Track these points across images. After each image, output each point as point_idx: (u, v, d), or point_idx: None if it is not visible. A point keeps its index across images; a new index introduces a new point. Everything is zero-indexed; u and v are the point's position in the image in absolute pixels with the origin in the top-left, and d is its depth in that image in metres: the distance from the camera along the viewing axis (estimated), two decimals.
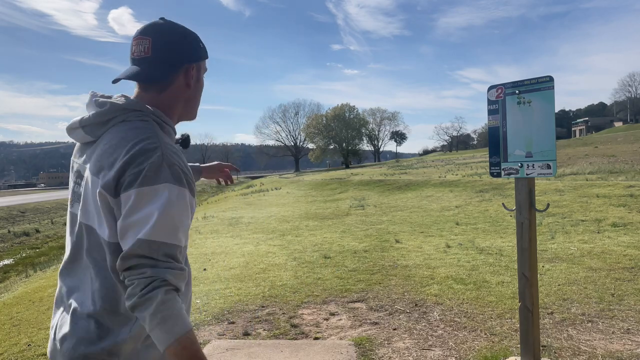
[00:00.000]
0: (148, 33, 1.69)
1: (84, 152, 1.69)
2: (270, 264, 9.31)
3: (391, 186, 28.54)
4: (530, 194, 4.04)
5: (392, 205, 20.01)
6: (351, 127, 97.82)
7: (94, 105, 1.70)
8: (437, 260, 8.88)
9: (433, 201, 20.12)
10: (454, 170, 35.48)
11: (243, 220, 17.49)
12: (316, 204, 24.22)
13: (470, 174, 29.27)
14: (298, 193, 32.97)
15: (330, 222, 16.01)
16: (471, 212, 15.92)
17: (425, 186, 26.02)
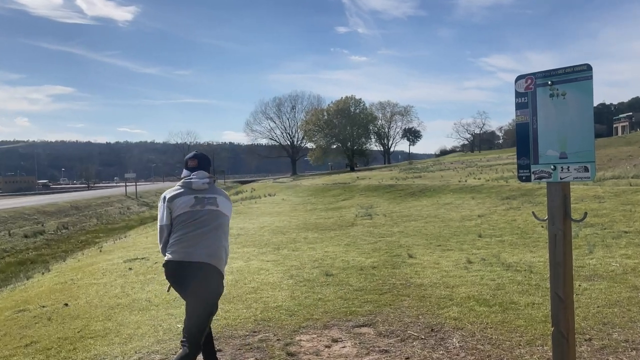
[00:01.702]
0: (195, 157, 5.13)
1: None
2: (263, 283, 9.30)
3: (403, 192, 28.53)
4: (564, 201, 4.04)
5: (404, 215, 20.00)
6: (357, 123, 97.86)
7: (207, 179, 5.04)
8: (456, 278, 8.87)
9: (452, 209, 20.09)
10: (476, 173, 35.47)
11: (231, 232, 17.47)
12: (316, 212, 24.20)
13: (495, 178, 29.28)
14: (295, 200, 32.98)
15: (333, 233, 16.00)
16: (496, 222, 15.90)
17: (442, 192, 26.00)
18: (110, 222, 42.51)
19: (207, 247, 4.75)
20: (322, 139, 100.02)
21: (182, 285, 4.76)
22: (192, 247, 4.72)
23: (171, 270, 4.77)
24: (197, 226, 4.80)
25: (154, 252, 14.12)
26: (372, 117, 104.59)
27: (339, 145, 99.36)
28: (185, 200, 4.87)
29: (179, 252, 4.74)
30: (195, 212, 4.84)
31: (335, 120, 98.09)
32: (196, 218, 4.82)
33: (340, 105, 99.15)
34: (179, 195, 4.91)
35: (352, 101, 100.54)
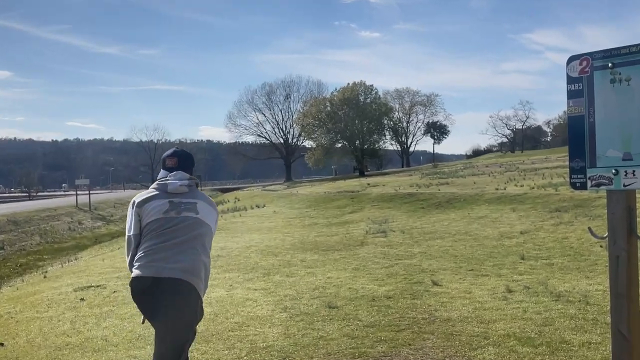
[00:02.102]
0: (175, 155, 5.29)
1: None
2: (250, 317, 9.30)
3: (426, 203, 28.54)
4: (629, 213, 4.03)
5: (427, 231, 20.01)
6: (368, 116, 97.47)
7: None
8: (493, 311, 8.87)
9: (487, 224, 20.10)
10: (518, 179, 35.49)
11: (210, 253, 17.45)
12: (316, 228, 24.20)
13: (542, 184, 29.30)
14: (290, 213, 32.99)
15: (337, 255, 16.01)
16: (543, 241, 15.90)
17: (475, 203, 26.00)
18: (57, 240, 42.50)
19: (181, 261, 4.76)
20: (323, 135, 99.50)
21: (150, 307, 4.75)
22: (162, 261, 4.72)
23: (137, 288, 4.77)
24: (170, 236, 4.84)
25: (112, 277, 14.12)
26: (386, 109, 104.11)
27: (345, 143, 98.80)
28: (157, 205, 4.95)
29: (147, 266, 4.74)
30: (168, 220, 4.90)
31: (340, 112, 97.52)
32: (169, 226, 4.88)
33: (346, 93, 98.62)
34: (151, 199, 4.99)
35: (361, 88, 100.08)
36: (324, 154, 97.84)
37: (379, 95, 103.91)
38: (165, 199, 4.97)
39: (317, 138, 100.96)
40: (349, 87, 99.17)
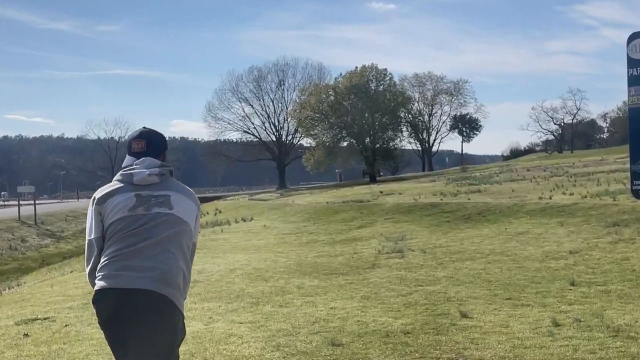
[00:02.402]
0: (142, 137, 5.21)
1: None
2: (234, 357, 9.29)
3: (453, 215, 28.54)
4: None
5: (454, 250, 20.02)
6: (381, 107, 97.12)
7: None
8: (535, 350, 8.86)
9: (529, 242, 20.11)
10: (567, 185, 35.49)
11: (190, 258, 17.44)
12: (317, 247, 24.23)
13: (597, 192, 29.29)
14: (284, 227, 32.98)
15: (343, 280, 16.02)
16: (598, 263, 15.89)
17: (514, 215, 25.99)
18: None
19: (153, 269, 4.66)
20: (325, 132, 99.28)
21: (118, 329, 4.63)
22: (130, 270, 4.63)
23: (102, 304, 4.67)
24: (139, 238, 4.75)
25: (63, 308, 14.11)
26: (403, 99, 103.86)
27: (352, 142, 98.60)
28: (122, 200, 4.87)
29: (112, 276, 4.64)
30: (135, 218, 4.82)
31: (346, 102, 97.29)
32: (137, 226, 4.79)
33: (354, 79, 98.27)
34: (114, 194, 4.91)
35: (372, 73, 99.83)
36: (326, 154, 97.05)
37: (395, 82, 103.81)
38: (132, 193, 4.85)
39: (317, 135, 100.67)
40: (358, 71, 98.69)
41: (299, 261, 20.01)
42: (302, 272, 17.57)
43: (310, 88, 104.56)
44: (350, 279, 15.95)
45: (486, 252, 19.05)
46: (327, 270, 17.82)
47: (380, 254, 20.15)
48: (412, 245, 21.88)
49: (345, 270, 17.52)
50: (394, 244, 22.11)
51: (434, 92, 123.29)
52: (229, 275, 17.57)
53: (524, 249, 18.96)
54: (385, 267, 17.66)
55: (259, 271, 18.15)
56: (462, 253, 19.24)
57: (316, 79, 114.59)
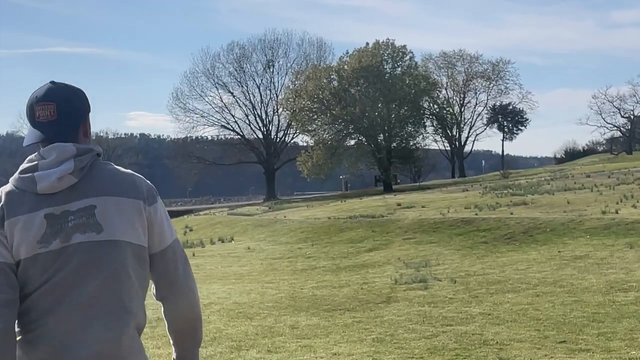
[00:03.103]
0: (51, 99, 4.00)
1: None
2: None
3: (491, 234, 28.56)
4: None
5: (492, 280, 20.05)
6: (398, 95, 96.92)
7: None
8: None
9: (589, 269, 20.12)
10: (638, 196, 35.45)
11: (148, 313, 17.46)
12: (316, 275, 24.26)
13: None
14: (274, 250, 33.01)
15: (350, 317, 16.04)
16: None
17: (570, 234, 25.99)
18: None
19: (92, 345, 3.77)
20: (326, 127, 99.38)
21: None
22: (58, 352, 3.71)
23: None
24: (60, 294, 3.82)
25: None
26: (428, 84, 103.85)
27: (362, 140, 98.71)
28: (26, 226, 3.86)
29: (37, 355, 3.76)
30: (48, 259, 3.85)
31: (354, 89, 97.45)
32: (51, 277, 3.82)
33: (364, 59, 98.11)
34: (14, 210, 3.89)
35: (387, 51, 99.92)
36: (328, 156, 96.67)
37: (416, 63, 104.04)
38: (39, 211, 3.85)
39: (316, 131, 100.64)
40: (369, 49, 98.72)
41: (292, 293, 20.06)
42: (297, 308, 17.61)
43: (307, 71, 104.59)
44: (359, 317, 15.98)
45: (534, 281, 19.07)
46: (329, 305, 17.87)
47: (397, 285, 20.19)
48: (438, 273, 21.94)
49: (353, 306, 17.56)
50: (415, 272, 22.18)
51: (466, 76, 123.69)
52: (203, 312, 17.45)
53: (582, 277, 18.96)
54: (404, 301, 17.69)
55: (241, 306, 18.20)
56: (502, 283, 19.27)
57: (315, 59, 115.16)
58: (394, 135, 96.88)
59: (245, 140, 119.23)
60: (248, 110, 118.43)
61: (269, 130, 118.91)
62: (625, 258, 20.90)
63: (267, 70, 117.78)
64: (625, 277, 18.32)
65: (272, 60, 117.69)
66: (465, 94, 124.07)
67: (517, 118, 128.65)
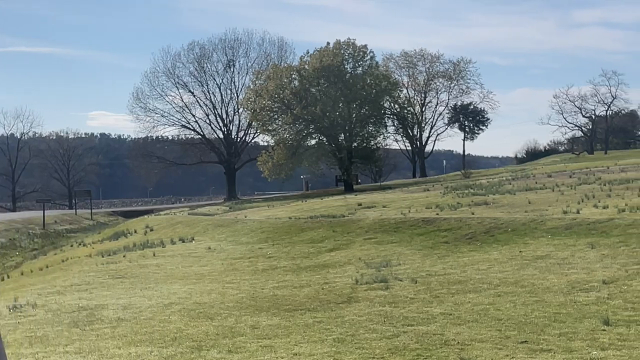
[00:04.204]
0: None
1: None
2: None
3: (452, 234, 28.62)
4: None
5: (453, 280, 20.10)
6: (359, 95, 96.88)
7: None
8: None
9: (550, 269, 20.21)
10: (600, 196, 35.65)
11: (104, 315, 17.46)
12: (277, 275, 24.23)
13: (638, 204, 29.43)
14: (234, 250, 32.93)
15: (311, 318, 16.04)
16: (639, 296, 15.98)
17: (531, 234, 26.09)
18: None
19: None
20: (287, 127, 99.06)
21: None
22: None
23: None
24: None
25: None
26: (389, 84, 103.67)
27: (323, 139, 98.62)
28: None
29: None
30: None
31: (314, 89, 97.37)
32: None
33: (325, 59, 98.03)
34: None
35: (349, 51, 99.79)
36: (289, 156, 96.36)
37: (377, 63, 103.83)
38: None
39: (277, 131, 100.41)
40: (330, 49, 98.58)
41: (253, 294, 20.03)
42: (258, 308, 17.59)
43: (268, 70, 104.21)
44: (320, 317, 15.98)
45: (495, 282, 19.14)
46: (289, 305, 17.85)
47: (358, 285, 20.19)
48: (399, 273, 21.94)
49: (314, 306, 17.56)
50: (376, 272, 22.17)
51: (427, 76, 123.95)
52: (164, 312, 17.55)
53: (543, 277, 19.04)
54: (365, 301, 17.71)
55: (201, 306, 18.15)
56: (464, 283, 19.32)
57: (276, 58, 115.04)
58: (355, 135, 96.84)
59: (205, 140, 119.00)
60: (208, 109, 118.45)
61: (230, 130, 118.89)
62: (587, 258, 20.99)
63: (227, 69, 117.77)
64: (587, 277, 18.40)
65: (233, 60, 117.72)
66: (427, 93, 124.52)
67: (478, 118, 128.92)
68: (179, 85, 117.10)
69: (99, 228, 75.55)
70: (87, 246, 47.69)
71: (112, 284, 23.84)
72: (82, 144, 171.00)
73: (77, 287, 23.43)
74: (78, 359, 12.96)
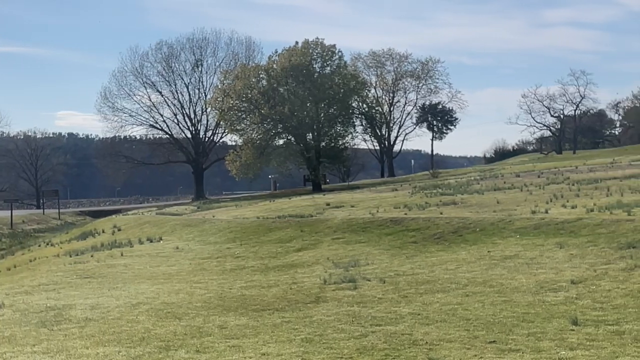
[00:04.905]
0: None
1: None
2: None
3: (420, 234, 28.63)
4: None
5: (422, 280, 20.13)
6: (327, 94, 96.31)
7: None
8: None
9: (519, 269, 20.27)
10: (568, 196, 35.76)
11: (72, 315, 17.37)
12: (245, 275, 24.20)
13: (607, 204, 29.54)
14: (202, 250, 32.83)
15: (279, 318, 16.02)
16: (608, 296, 16.07)
17: (500, 234, 26.14)
18: None
19: None
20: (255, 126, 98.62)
21: None
22: None
23: None
24: None
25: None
26: (357, 83, 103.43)
27: (291, 139, 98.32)
28: None
29: None
30: None
31: (283, 88, 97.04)
32: None
33: (293, 58, 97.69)
34: None
35: (317, 50, 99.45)
36: (257, 156, 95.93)
37: (346, 63, 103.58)
38: None
39: (245, 130, 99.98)
40: (298, 48, 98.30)
41: (221, 293, 20.00)
42: (226, 308, 17.57)
43: (235, 70, 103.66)
44: (288, 317, 15.97)
45: (463, 281, 19.17)
46: (257, 305, 17.84)
47: (326, 285, 20.20)
48: (367, 272, 21.94)
49: (282, 306, 17.55)
50: (344, 272, 22.18)
51: (395, 75, 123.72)
52: (132, 312, 17.48)
53: (512, 277, 19.09)
54: (333, 301, 17.71)
55: (169, 306, 18.10)
56: (432, 283, 19.34)
57: (244, 58, 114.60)
58: (323, 134, 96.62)
59: (173, 139, 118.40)
60: (176, 109, 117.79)
61: (198, 129, 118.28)
62: (555, 258, 21.06)
63: (195, 69, 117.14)
64: (555, 277, 18.47)
65: (201, 60, 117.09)
66: (395, 93, 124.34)
67: (446, 117, 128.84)
68: (147, 84, 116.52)
69: (66, 228, 75.14)
70: (54, 246, 47.47)
71: (80, 283, 23.74)
72: (50, 143, 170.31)
73: (44, 287, 23.31)
74: (46, 359, 12.90)
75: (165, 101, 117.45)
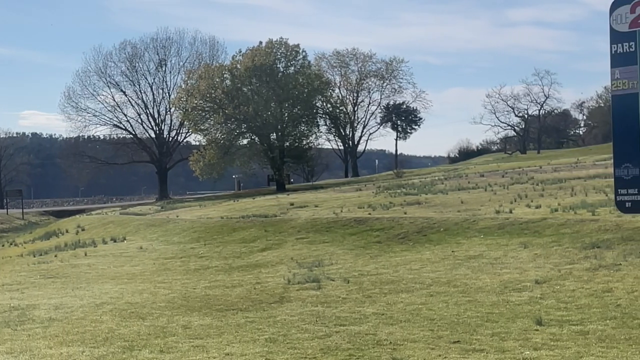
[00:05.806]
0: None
1: None
2: None
3: (385, 234, 28.65)
4: None
5: (386, 280, 20.16)
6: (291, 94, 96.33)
7: None
8: None
9: (483, 269, 20.36)
10: (533, 195, 35.90)
11: (36, 315, 17.28)
12: (209, 275, 24.16)
13: (571, 204, 29.69)
14: (166, 250, 32.77)
15: (242, 318, 16.01)
16: (572, 296, 16.15)
17: (464, 234, 26.20)
18: None
19: None
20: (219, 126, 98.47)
21: None
22: None
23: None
24: None
25: None
26: (321, 83, 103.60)
27: (255, 139, 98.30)
28: None
29: None
30: None
31: (246, 88, 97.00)
32: None
33: (257, 58, 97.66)
34: None
35: (281, 50, 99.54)
36: (220, 155, 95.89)
37: (310, 62, 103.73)
38: None
39: (208, 130, 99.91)
40: (261, 48, 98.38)
41: (185, 293, 19.96)
42: (190, 308, 17.53)
43: (199, 70, 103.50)
44: (252, 317, 15.96)
45: (428, 281, 19.21)
46: (221, 305, 17.81)
47: (290, 284, 20.20)
48: (331, 272, 21.97)
49: (245, 306, 17.53)
50: (308, 272, 22.20)
51: (359, 75, 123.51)
52: (95, 312, 17.41)
53: (476, 277, 19.15)
54: (297, 301, 17.72)
55: (133, 306, 18.04)
56: (396, 283, 19.37)
57: (207, 57, 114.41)
58: (287, 134, 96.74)
59: (137, 139, 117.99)
60: (140, 109, 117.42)
61: (162, 129, 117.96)
62: (519, 258, 21.13)
63: (159, 69, 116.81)
64: (519, 277, 18.54)
65: (165, 59, 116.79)
66: (359, 93, 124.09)
67: (410, 117, 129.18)
68: (111, 84, 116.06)
69: (30, 228, 74.91)
70: (18, 246, 47.33)
71: (43, 283, 23.63)
72: (14, 143, 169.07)
73: (8, 287, 23.22)
74: (9, 359, 12.83)
75: (129, 101, 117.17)
